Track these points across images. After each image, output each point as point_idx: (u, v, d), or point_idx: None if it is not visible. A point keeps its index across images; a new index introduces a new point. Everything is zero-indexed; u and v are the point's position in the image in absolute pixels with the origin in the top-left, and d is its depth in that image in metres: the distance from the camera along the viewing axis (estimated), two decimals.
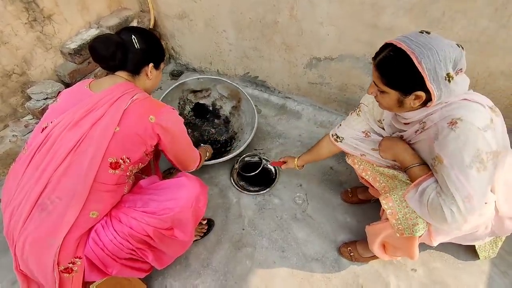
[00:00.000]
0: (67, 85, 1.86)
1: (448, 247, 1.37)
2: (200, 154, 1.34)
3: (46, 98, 1.74)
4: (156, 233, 1.02)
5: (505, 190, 0.96)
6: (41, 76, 1.81)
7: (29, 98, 1.77)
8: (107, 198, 0.99)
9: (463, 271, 1.34)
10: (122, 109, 0.95)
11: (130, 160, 0.99)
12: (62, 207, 0.89)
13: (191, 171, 1.30)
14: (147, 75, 1.09)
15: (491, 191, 0.93)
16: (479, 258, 1.33)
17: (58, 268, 0.90)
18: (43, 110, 1.72)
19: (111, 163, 0.95)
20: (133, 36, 1.02)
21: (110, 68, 1.06)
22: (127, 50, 1.02)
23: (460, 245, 1.33)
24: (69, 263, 0.92)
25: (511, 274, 1.32)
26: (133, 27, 1.08)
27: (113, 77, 1.05)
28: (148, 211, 1.01)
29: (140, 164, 1.07)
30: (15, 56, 1.66)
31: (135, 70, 1.06)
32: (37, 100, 1.74)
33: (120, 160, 0.97)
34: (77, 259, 0.94)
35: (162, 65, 1.16)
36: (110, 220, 1.00)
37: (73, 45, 1.81)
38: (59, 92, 1.76)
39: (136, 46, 1.02)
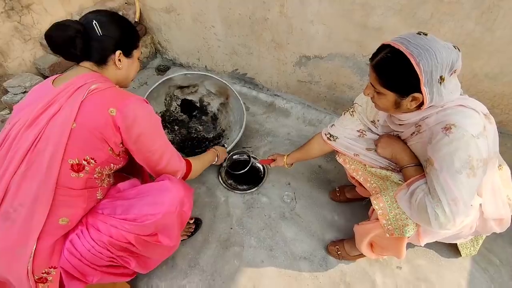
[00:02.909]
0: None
1: (432, 245, 1.41)
2: (188, 163, 1.17)
3: (25, 91, 1.66)
4: (139, 240, 0.96)
5: (491, 193, 0.98)
6: (19, 68, 1.73)
7: (6, 92, 1.68)
8: (77, 203, 0.91)
9: (445, 268, 1.38)
10: (78, 102, 0.84)
11: (95, 161, 0.89)
12: (25, 214, 0.82)
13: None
14: (115, 64, 0.96)
15: (477, 194, 0.95)
16: (461, 256, 1.37)
17: (34, 277, 0.85)
18: None
19: (72, 165, 0.85)
20: (94, 22, 0.89)
21: (72, 58, 0.93)
22: (89, 37, 0.89)
23: (443, 243, 1.36)
24: (42, 273, 0.87)
25: (491, 271, 1.36)
26: (97, 10, 0.95)
27: (76, 68, 0.94)
28: (129, 219, 0.94)
29: (112, 165, 0.97)
30: None
31: (101, 60, 0.94)
32: (14, 94, 1.66)
33: (83, 162, 0.87)
34: (51, 269, 0.88)
35: (135, 53, 1.02)
36: (86, 229, 0.93)
37: None
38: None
39: (98, 32, 0.90)
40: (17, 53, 1.69)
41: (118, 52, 0.95)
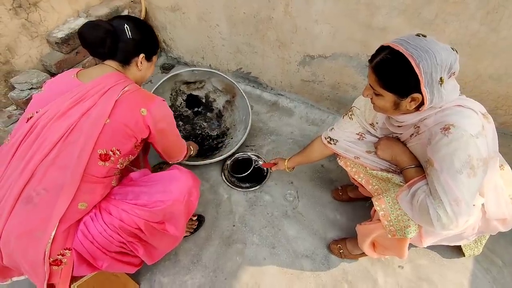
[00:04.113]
0: (54, 76, 1.80)
1: (434, 245, 1.40)
2: (187, 146, 1.36)
3: (31, 88, 1.67)
4: (147, 226, 1.01)
5: (494, 193, 0.98)
6: (26, 65, 1.74)
7: (13, 88, 1.70)
8: (97, 189, 0.97)
9: (448, 268, 1.38)
10: (113, 100, 0.93)
11: (120, 152, 0.98)
12: (49, 199, 0.87)
13: (176, 162, 1.32)
14: (137, 66, 1.06)
15: (479, 194, 0.95)
16: (463, 256, 1.37)
17: (49, 260, 0.88)
18: (28, 100, 1.65)
19: (100, 155, 0.93)
20: (125, 25, 0.99)
21: (99, 55, 1.03)
22: (118, 38, 0.99)
23: None
24: (58, 255, 0.90)
25: (494, 271, 1.36)
26: (127, 15, 1.07)
27: (102, 66, 1.03)
28: (139, 204, 1.00)
29: (131, 156, 1.06)
30: None
31: (125, 60, 1.04)
32: (21, 90, 1.67)
33: (110, 152, 0.95)
34: (66, 251, 0.92)
35: (154, 58, 1.14)
36: (99, 212, 0.98)
37: (60, 34, 1.75)
38: (45, 82, 1.71)
39: (128, 35, 1.00)
40: (24, 50, 1.71)
41: (141, 55, 1.05)
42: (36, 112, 0.94)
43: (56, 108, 0.92)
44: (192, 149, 1.55)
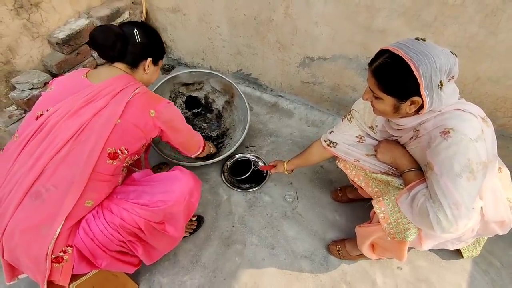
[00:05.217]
0: (54, 76, 1.81)
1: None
2: (204, 141, 1.39)
3: (32, 88, 1.68)
4: (147, 226, 1.02)
5: (492, 196, 0.98)
6: (27, 65, 1.75)
7: (14, 88, 1.70)
8: (103, 187, 1.00)
9: (446, 269, 1.38)
10: (125, 102, 0.97)
11: (128, 151, 1.00)
12: (58, 195, 0.88)
13: (196, 154, 1.37)
14: (144, 69, 1.10)
15: (478, 197, 0.95)
16: (462, 257, 1.38)
17: (51, 257, 0.89)
18: (29, 100, 1.66)
19: (109, 153, 0.96)
20: (135, 30, 1.03)
21: (109, 58, 1.06)
22: (128, 42, 1.03)
23: None
24: (60, 252, 0.91)
25: (492, 273, 1.37)
26: (137, 21, 1.11)
27: (111, 68, 1.06)
28: (141, 203, 1.01)
29: (136, 156, 1.08)
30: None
31: (133, 63, 1.08)
32: (22, 90, 1.68)
33: (119, 151, 0.98)
34: (68, 248, 0.93)
35: (160, 62, 1.18)
36: (101, 210, 0.99)
37: (61, 35, 1.76)
38: (46, 82, 1.72)
39: (137, 39, 1.03)
40: (25, 50, 1.71)
41: (149, 59, 1.09)
42: (47, 110, 0.95)
43: (67, 107, 0.94)
44: (211, 147, 1.59)
